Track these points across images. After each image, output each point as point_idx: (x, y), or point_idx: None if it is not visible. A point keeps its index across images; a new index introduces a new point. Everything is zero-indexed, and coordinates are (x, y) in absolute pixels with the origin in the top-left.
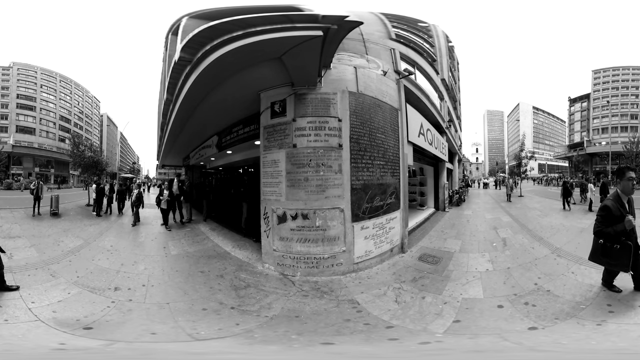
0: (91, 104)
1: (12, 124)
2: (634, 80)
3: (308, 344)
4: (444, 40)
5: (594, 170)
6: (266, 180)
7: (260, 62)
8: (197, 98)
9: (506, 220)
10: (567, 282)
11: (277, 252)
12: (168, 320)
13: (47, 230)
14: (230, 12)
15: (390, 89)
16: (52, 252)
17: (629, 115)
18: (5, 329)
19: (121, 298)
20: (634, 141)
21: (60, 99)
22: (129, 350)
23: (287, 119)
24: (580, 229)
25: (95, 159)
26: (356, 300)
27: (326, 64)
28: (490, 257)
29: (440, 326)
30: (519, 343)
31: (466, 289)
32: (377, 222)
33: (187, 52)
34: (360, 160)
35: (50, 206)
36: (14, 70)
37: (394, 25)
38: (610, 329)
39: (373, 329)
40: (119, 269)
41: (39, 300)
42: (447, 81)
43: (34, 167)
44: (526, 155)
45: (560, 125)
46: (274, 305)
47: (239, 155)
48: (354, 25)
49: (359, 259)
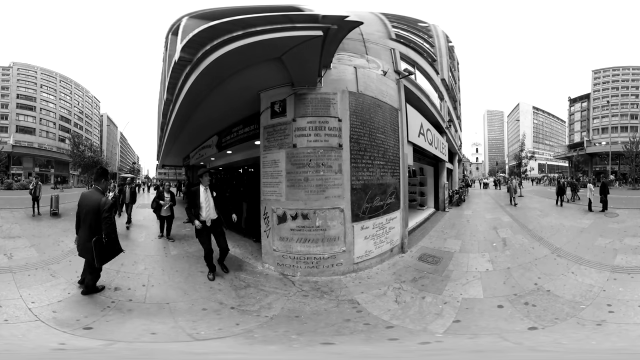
0: (91, 104)
1: (12, 124)
2: (634, 80)
3: (308, 344)
4: (444, 40)
5: (594, 170)
6: (266, 180)
7: (260, 62)
8: (197, 98)
9: (506, 220)
10: (567, 282)
11: (277, 252)
12: (168, 320)
13: (47, 230)
14: (230, 12)
15: (390, 89)
16: (52, 252)
17: (629, 115)
18: (5, 329)
19: (121, 298)
20: (634, 141)
21: (60, 99)
22: (129, 350)
23: (287, 119)
24: (580, 229)
25: (95, 159)
26: (356, 300)
27: (326, 64)
28: (490, 257)
29: (440, 326)
30: (519, 343)
31: (466, 289)
32: (377, 222)
33: (187, 52)
34: (360, 160)
35: (50, 206)
36: (14, 70)
37: (394, 25)
38: (610, 329)
39: (373, 329)
40: (119, 269)
41: (39, 300)
42: (447, 81)
43: (34, 167)
44: (526, 155)
45: (560, 125)
46: (274, 305)
47: (239, 155)
48: (354, 25)
49: (359, 259)
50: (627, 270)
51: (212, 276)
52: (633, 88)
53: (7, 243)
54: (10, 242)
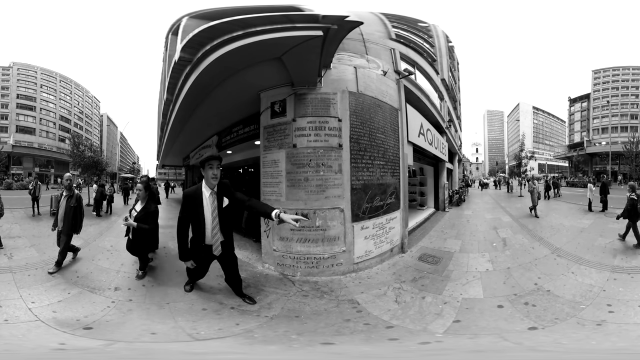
0: (91, 104)
1: (12, 124)
2: (634, 80)
3: (308, 344)
4: (444, 40)
5: (594, 170)
6: (266, 180)
7: (260, 62)
8: (197, 98)
9: (506, 220)
10: (567, 282)
11: (277, 252)
12: (168, 320)
13: (47, 230)
14: (230, 12)
15: (390, 89)
16: (52, 252)
17: (629, 115)
18: (5, 329)
19: (121, 298)
20: (634, 141)
21: (60, 99)
22: (129, 350)
23: (287, 119)
24: (580, 229)
25: (95, 159)
26: (356, 300)
27: (326, 64)
28: (490, 257)
29: (440, 326)
30: (519, 343)
31: (466, 289)
32: (377, 222)
33: (187, 52)
34: (360, 160)
35: (50, 206)
36: (14, 70)
37: (394, 25)
38: (610, 329)
39: (373, 329)
40: (119, 269)
41: (39, 300)
42: (447, 81)
43: (34, 167)
44: (526, 155)
45: (560, 125)
46: (274, 305)
47: (239, 155)
48: (354, 25)
49: (359, 259)
50: (627, 270)
51: (190, 287)
52: (633, 88)
53: (7, 243)
54: (10, 242)
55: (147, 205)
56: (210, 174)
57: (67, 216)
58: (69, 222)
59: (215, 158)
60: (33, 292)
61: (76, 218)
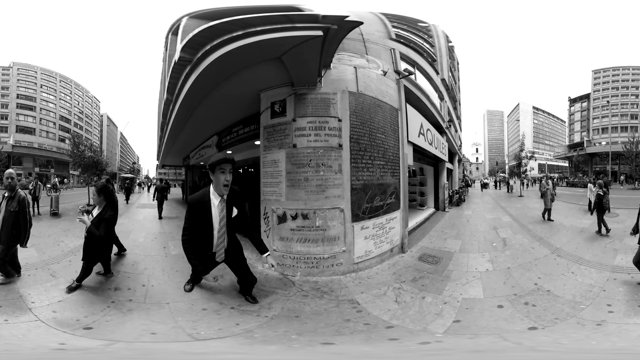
0: (91, 104)
1: (12, 124)
2: (634, 80)
3: (308, 344)
4: (444, 40)
5: (594, 170)
6: (266, 180)
7: (260, 62)
8: (197, 98)
9: (506, 220)
10: (567, 282)
11: (277, 252)
12: (168, 320)
13: (47, 230)
14: (230, 12)
15: (390, 89)
16: (52, 252)
17: (629, 115)
18: (5, 329)
19: (121, 298)
20: (634, 141)
21: (60, 99)
22: (129, 350)
23: (287, 119)
24: (580, 229)
25: (95, 159)
26: (356, 300)
27: (326, 64)
28: (490, 257)
29: (440, 326)
30: (519, 343)
31: (466, 289)
32: (377, 222)
33: (187, 52)
34: (360, 160)
35: (50, 206)
36: (14, 70)
37: (394, 25)
38: (610, 329)
39: (373, 329)
40: (119, 269)
41: (39, 300)
42: (447, 81)
43: (34, 167)
44: (526, 155)
45: (560, 125)
46: (274, 305)
47: (239, 155)
48: (354, 25)
49: (359, 259)
50: (627, 270)
51: (190, 287)
52: (633, 88)
53: None
54: None
55: (102, 211)
56: (222, 179)
57: (6, 223)
58: (7, 230)
59: (229, 161)
60: (33, 292)
61: (18, 225)
